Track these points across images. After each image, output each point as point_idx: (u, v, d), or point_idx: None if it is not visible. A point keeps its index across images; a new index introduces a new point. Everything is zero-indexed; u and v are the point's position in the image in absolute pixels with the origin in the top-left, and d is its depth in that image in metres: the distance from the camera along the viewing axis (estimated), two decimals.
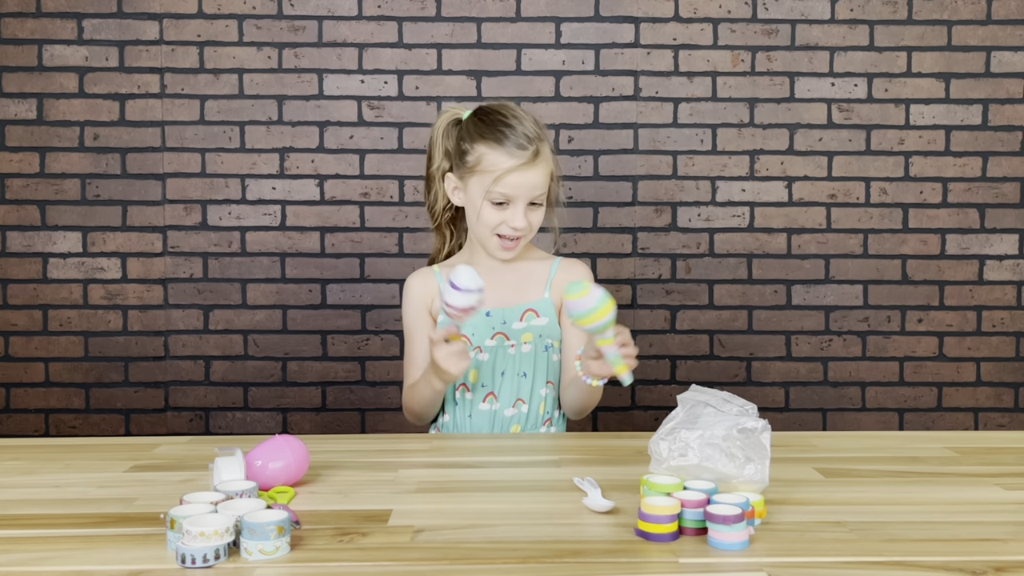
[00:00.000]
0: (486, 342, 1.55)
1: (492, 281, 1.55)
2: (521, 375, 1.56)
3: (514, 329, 1.55)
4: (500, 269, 1.58)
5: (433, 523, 0.97)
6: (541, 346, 1.57)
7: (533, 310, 1.57)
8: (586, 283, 1.26)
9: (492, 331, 1.55)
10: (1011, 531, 0.95)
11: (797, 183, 2.47)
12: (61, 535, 0.95)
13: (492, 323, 1.55)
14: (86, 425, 2.45)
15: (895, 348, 2.50)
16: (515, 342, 1.55)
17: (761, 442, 1.04)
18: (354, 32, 2.42)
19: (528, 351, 1.56)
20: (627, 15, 2.43)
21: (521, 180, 1.49)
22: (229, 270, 2.44)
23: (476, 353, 1.54)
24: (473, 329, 1.54)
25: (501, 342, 1.55)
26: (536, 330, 1.56)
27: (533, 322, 1.56)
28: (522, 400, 1.55)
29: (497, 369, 1.55)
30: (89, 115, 2.41)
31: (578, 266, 1.64)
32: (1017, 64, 2.45)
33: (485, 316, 1.55)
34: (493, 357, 1.55)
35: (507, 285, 1.58)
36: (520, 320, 1.56)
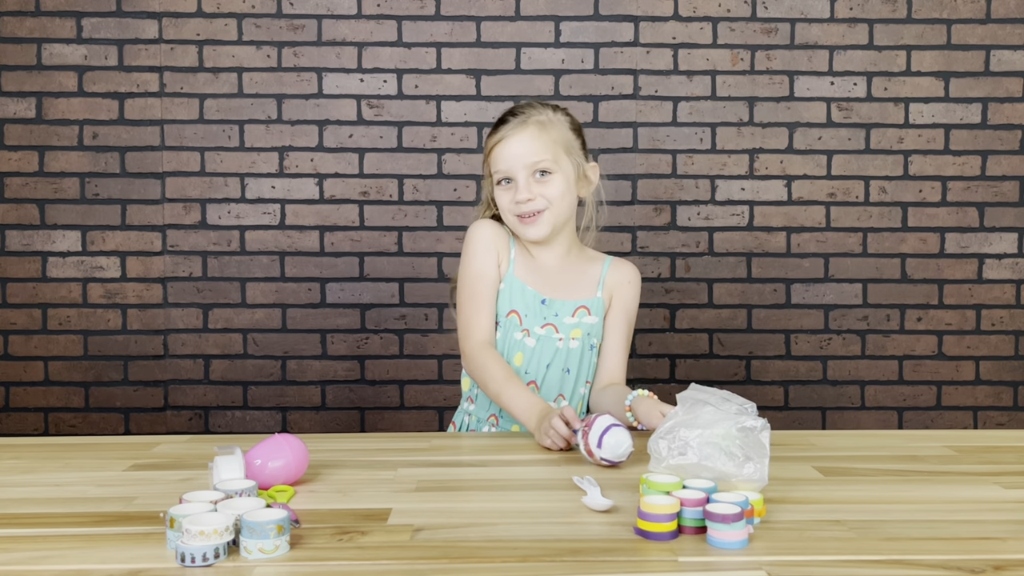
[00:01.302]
0: (536, 328, 1.52)
1: (551, 276, 1.56)
2: (565, 371, 1.54)
3: (565, 323, 1.53)
4: (555, 267, 1.57)
5: (432, 522, 0.97)
6: (587, 344, 1.55)
7: (586, 307, 1.55)
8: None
9: (544, 320, 1.53)
10: (1010, 530, 0.95)
11: (796, 182, 2.47)
12: (60, 534, 0.95)
13: (545, 312, 1.53)
14: (85, 424, 2.45)
15: (894, 347, 2.50)
16: (563, 336, 1.53)
17: (760, 441, 1.04)
18: (353, 31, 2.41)
19: (575, 347, 1.54)
20: (626, 14, 2.42)
21: (510, 150, 1.49)
22: (228, 269, 2.44)
23: (524, 336, 1.52)
24: (526, 311, 1.52)
25: (550, 333, 1.53)
26: (585, 327, 1.55)
27: (584, 319, 1.55)
28: (563, 396, 1.54)
29: (543, 360, 1.53)
30: (88, 114, 2.40)
31: (626, 267, 1.62)
32: (1016, 63, 2.45)
33: (541, 303, 1.53)
34: (540, 346, 1.52)
35: (564, 282, 1.56)
36: (572, 316, 1.54)
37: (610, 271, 1.59)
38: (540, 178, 1.49)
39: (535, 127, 1.50)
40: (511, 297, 1.53)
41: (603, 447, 1.19)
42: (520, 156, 1.49)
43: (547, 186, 1.49)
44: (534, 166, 1.49)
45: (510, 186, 1.50)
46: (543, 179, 1.49)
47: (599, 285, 1.58)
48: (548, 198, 1.49)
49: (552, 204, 1.49)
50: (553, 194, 1.49)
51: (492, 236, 1.54)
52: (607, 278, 1.58)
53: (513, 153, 1.49)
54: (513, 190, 1.49)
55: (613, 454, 1.19)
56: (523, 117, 1.51)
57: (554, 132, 1.51)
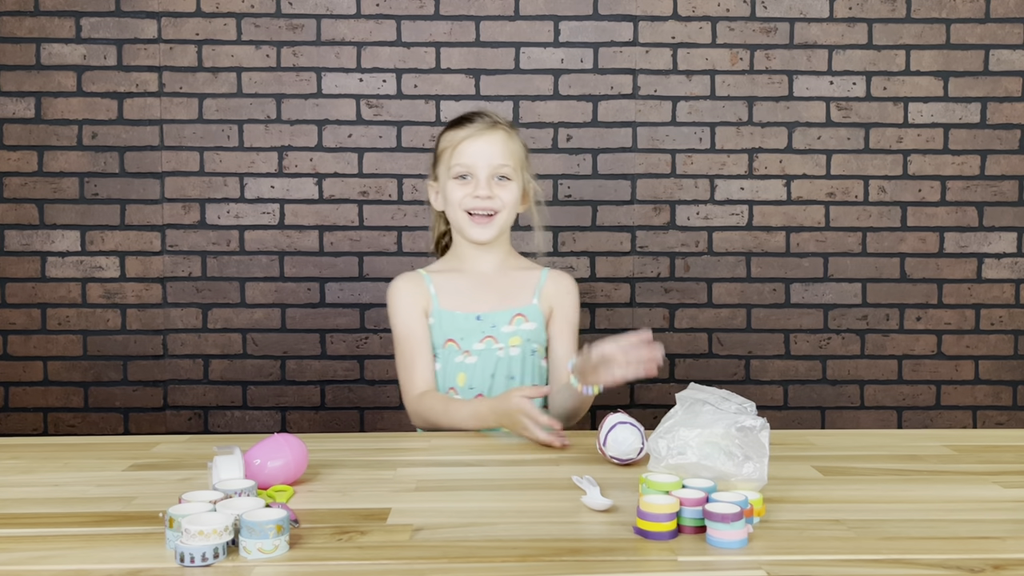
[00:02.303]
0: (475, 346, 1.57)
1: (483, 288, 1.60)
2: (510, 378, 1.57)
3: (503, 332, 1.57)
4: (490, 277, 1.61)
5: (432, 521, 0.97)
6: (528, 350, 1.59)
7: (522, 314, 1.59)
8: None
9: (482, 335, 1.57)
10: (1009, 529, 0.95)
11: (796, 181, 2.47)
12: (60, 534, 0.95)
13: (482, 327, 1.57)
14: (85, 424, 2.45)
15: (894, 346, 2.50)
16: (503, 345, 1.57)
17: (760, 440, 1.04)
18: (352, 31, 2.41)
19: (516, 354, 1.58)
20: (626, 13, 2.42)
21: (476, 147, 1.53)
22: (228, 269, 2.44)
23: (465, 357, 1.56)
24: (462, 335, 1.56)
25: (490, 345, 1.57)
26: (524, 334, 1.58)
27: (522, 326, 1.58)
28: None
29: (486, 372, 1.56)
30: (87, 114, 2.40)
31: (564, 277, 1.66)
32: (1016, 62, 2.45)
33: (476, 320, 1.57)
34: (483, 361, 1.56)
35: (497, 291, 1.60)
36: (509, 324, 1.58)
37: (548, 281, 1.63)
38: (499, 182, 1.55)
39: (504, 133, 1.56)
40: (442, 328, 1.57)
41: (607, 444, 1.20)
42: (487, 155, 1.54)
43: (503, 189, 1.55)
44: (498, 169, 1.54)
45: (468, 182, 1.54)
46: (502, 183, 1.55)
47: (536, 293, 1.61)
48: (504, 201, 1.55)
49: (505, 208, 1.55)
50: (508, 200, 1.55)
51: (408, 289, 1.59)
52: (545, 287, 1.62)
53: (480, 151, 1.54)
54: (471, 185, 1.54)
55: (617, 451, 1.19)
56: (490, 120, 1.56)
57: (515, 145, 1.58)
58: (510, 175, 1.56)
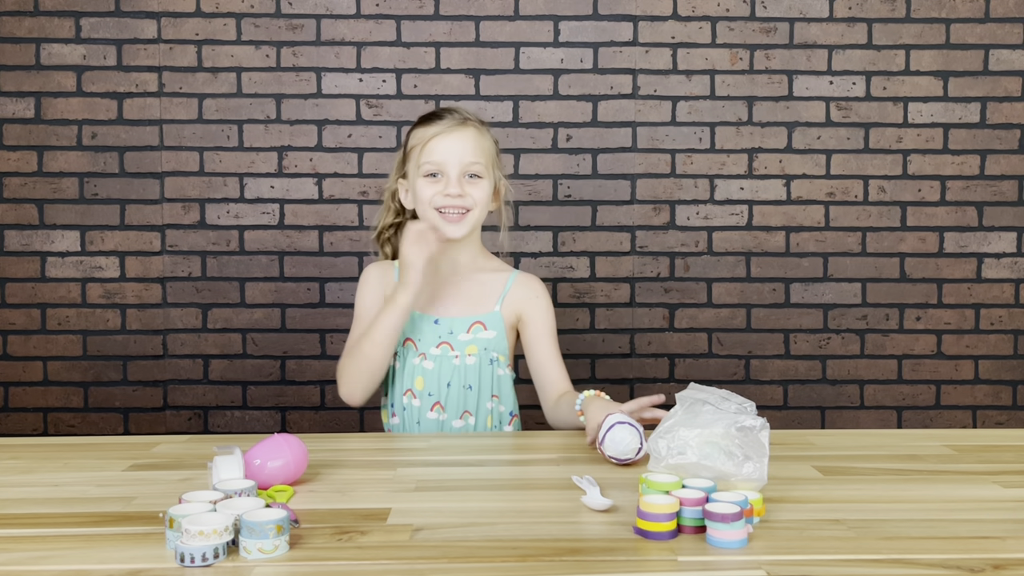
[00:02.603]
0: (431, 350, 1.55)
1: (446, 289, 1.58)
2: (467, 387, 1.55)
3: (459, 340, 1.55)
4: (454, 278, 1.58)
5: (432, 521, 0.97)
6: (486, 359, 1.56)
7: (481, 323, 1.56)
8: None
9: (439, 339, 1.55)
10: (1009, 529, 0.95)
11: (795, 181, 2.47)
12: (60, 534, 0.95)
13: (439, 331, 1.55)
14: (85, 424, 2.45)
15: (893, 346, 2.50)
16: (459, 353, 1.54)
17: (760, 440, 1.04)
18: (352, 31, 2.41)
19: (472, 363, 1.55)
20: (625, 13, 2.42)
21: (447, 144, 1.51)
22: (227, 269, 2.44)
23: (422, 360, 1.54)
24: (420, 335, 1.55)
25: (446, 352, 1.55)
26: (482, 343, 1.55)
27: (480, 335, 1.55)
28: (469, 412, 1.55)
29: (443, 379, 1.54)
30: (87, 114, 2.40)
31: (531, 281, 1.62)
32: (1015, 62, 2.45)
33: (433, 323, 1.55)
34: (438, 366, 1.54)
35: (459, 295, 1.57)
36: (467, 332, 1.55)
37: (514, 286, 1.59)
38: (470, 180, 1.53)
39: (474, 130, 1.54)
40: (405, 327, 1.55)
41: (606, 444, 1.20)
42: (458, 153, 1.52)
43: (474, 187, 1.53)
44: (469, 166, 1.52)
45: (438, 180, 1.52)
46: (473, 181, 1.53)
47: (499, 299, 1.58)
48: (475, 200, 1.52)
49: (477, 206, 1.53)
50: (479, 197, 1.53)
51: (378, 277, 1.60)
52: (510, 293, 1.59)
53: (453, 148, 1.51)
54: (442, 183, 1.51)
55: (615, 451, 1.19)
56: (460, 117, 1.54)
57: (486, 142, 1.56)
58: (481, 172, 1.53)
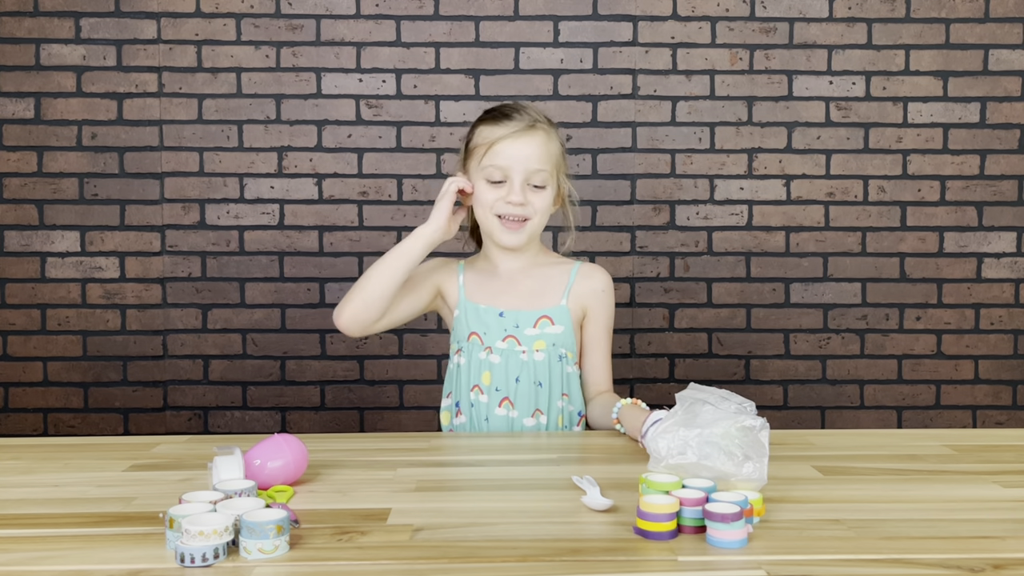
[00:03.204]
0: (497, 343, 1.50)
1: (509, 286, 1.53)
2: (537, 384, 1.50)
3: (526, 335, 1.50)
4: (517, 273, 1.54)
5: (432, 522, 0.97)
6: (555, 355, 1.51)
7: (548, 317, 1.51)
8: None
9: (504, 333, 1.50)
10: (1009, 528, 0.95)
11: (795, 181, 2.47)
12: (60, 535, 0.95)
13: (505, 324, 1.51)
14: (85, 424, 2.45)
15: (893, 346, 2.50)
16: (527, 348, 1.50)
17: (760, 440, 1.04)
18: (352, 31, 2.41)
19: (541, 359, 1.50)
20: (625, 13, 2.42)
21: (514, 149, 1.45)
22: (227, 269, 2.44)
23: (488, 354, 1.50)
24: (485, 329, 1.51)
25: (512, 346, 1.50)
26: (550, 338, 1.51)
27: (547, 329, 1.51)
28: (540, 411, 1.50)
29: (511, 374, 1.50)
30: (87, 114, 2.40)
31: (598, 273, 1.58)
32: (1015, 62, 2.45)
33: (498, 316, 1.51)
34: (505, 361, 1.50)
35: (524, 289, 1.54)
36: (534, 326, 1.50)
37: (578, 278, 1.55)
38: (533, 189, 1.48)
39: (543, 135, 1.48)
40: (467, 321, 1.53)
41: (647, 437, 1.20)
42: (524, 159, 1.46)
43: (536, 196, 1.48)
44: (534, 174, 1.47)
45: (501, 185, 1.47)
46: (535, 191, 1.48)
47: (565, 293, 1.54)
48: (537, 208, 1.48)
49: (537, 215, 1.49)
50: (541, 207, 1.49)
51: (441, 264, 1.59)
52: (575, 286, 1.54)
53: (519, 154, 1.46)
54: (504, 189, 1.46)
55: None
56: (530, 120, 1.48)
57: (554, 147, 1.50)
58: (545, 181, 1.48)
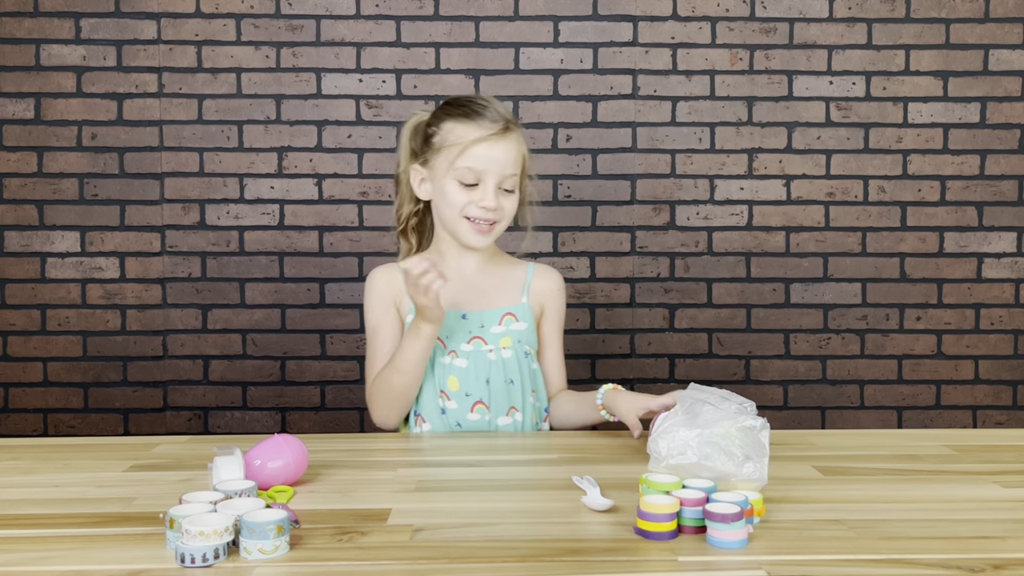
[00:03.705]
0: (462, 347, 1.48)
1: (467, 285, 1.51)
2: (509, 382, 1.49)
3: (492, 333, 1.49)
4: (474, 273, 1.53)
5: (432, 522, 0.97)
6: (521, 352, 1.51)
7: (512, 314, 1.51)
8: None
9: (469, 335, 1.49)
10: (1009, 529, 0.95)
11: (795, 181, 2.47)
12: (60, 535, 0.95)
13: (468, 326, 1.49)
14: (85, 425, 2.45)
15: (893, 346, 2.50)
16: (494, 347, 1.49)
17: (760, 440, 1.04)
18: (352, 31, 2.41)
19: (509, 356, 1.49)
20: (625, 14, 2.42)
21: (491, 153, 1.43)
22: (227, 269, 2.44)
23: (452, 358, 1.48)
24: (448, 332, 1.48)
25: (479, 347, 1.48)
26: (515, 335, 1.50)
27: (512, 326, 1.50)
28: (515, 408, 1.49)
29: (480, 376, 1.47)
30: (87, 115, 2.40)
31: (552, 274, 1.59)
32: (1015, 62, 2.45)
33: (461, 318, 1.49)
34: (473, 363, 1.48)
35: (483, 289, 1.52)
36: (499, 324, 1.50)
37: (536, 278, 1.56)
38: (504, 192, 1.46)
39: (516, 137, 1.47)
40: None
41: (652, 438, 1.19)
42: (500, 164, 1.44)
43: (507, 200, 1.47)
44: (507, 178, 1.45)
45: (473, 188, 1.44)
46: (506, 194, 1.46)
47: (524, 290, 1.54)
48: (505, 212, 1.47)
49: (505, 219, 1.48)
50: (510, 209, 1.48)
51: (386, 281, 1.53)
52: (533, 284, 1.55)
53: (496, 158, 1.43)
54: (477, 193, 1.44)
55: None
56: (502, 122, 1.45)
57: (523, 147, 1.49)
58: (516, 185, 1.47)
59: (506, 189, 1.46)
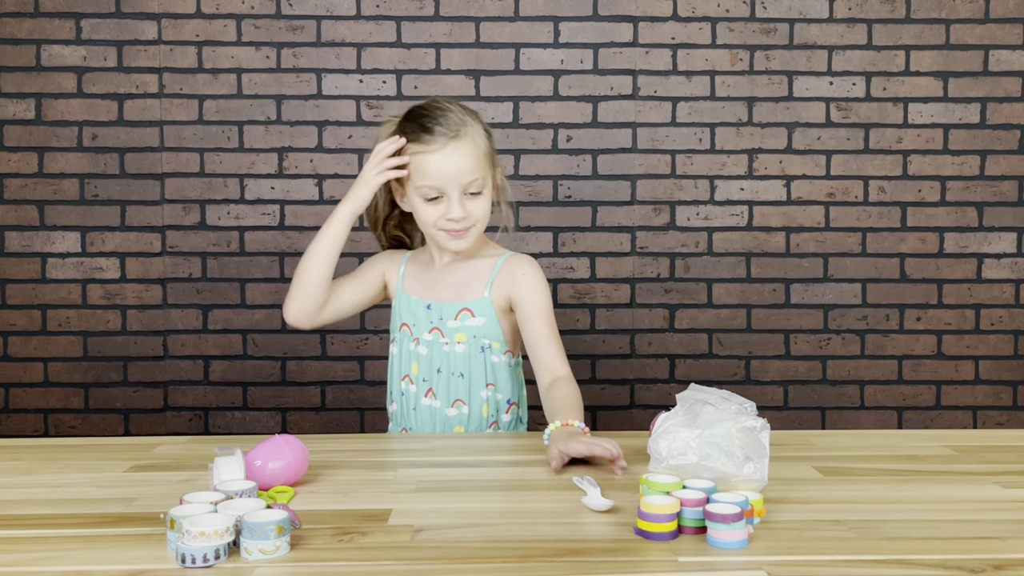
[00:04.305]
0: (424, 335, 1.54)
1: (438, 277, 1.57)
2: (458, 375, 1.53)
3: (449, 327, 1.53)
4: (449, 267, 1.57)
5: (433, 522, 0.97)
6: (476, 347, 1.53)
7: (468, 310, 1.53)
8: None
9: (431, 325, 1.54)
10: (1009, 529, 0.95)
11: (795, 182, 2.47)
12: (61, 535, 0.95)
13: (431, 317, 1.54)
14: (85, 425, 2.45)
15: (894, 347, 2.50)
16: (448, 340, 1.53)
17: (760, 441, 1.04)
18: (352, 32, 2.42)
19: (462, 351, 1.53)
20: (625, 14, 2.43)
21: (445, 166, 1.44)
22: (228, 270, 2.44)
23: (416, 345, 1.54)
24: (414, 320, 1.55)
25: (437, 338, 1.54)
26: (471, 330, 1.53)
27: (467, 322, 1.53)
28: (461, 401, 1.53)
29: (434, 365, 1.53)
30: (87, 115, 2.40)
31: (519, 261, 1.56)
32: (1015, 63, 2.45)
33: (426, 308, 1.55)
34: (431, 352, 1.54)
35: (451, 281, 1.56)
36: (455, 319, 1.53)
37: (502, 269, 1.54)
38: (470, 197, 1.47)
39: (469, 143, 1.46)
40: (400, 312, 1.57)
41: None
42: (455, 175, 1.45)
43: (477, 203, 1.47)
44: (468, 185, 1.46)
45: (438, 201, 1.46)
46: (472, 198, 1.47)
47: (488, 285, 1.54)
48: (476, 215, 1.47)
49: (480, 221, 1.49)
50: (480, 211, 1.48)
51: (387, 256, 1.63)
52: (498, 276, 1.54)
53: (448, 171, 1.44)
54: (443, 205, 1.46)
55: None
56: (454, 129, 1.45)
57: (481, 145, 1.48)
58: (481, 186, 1.48)
59: (472, 192, 1.47)
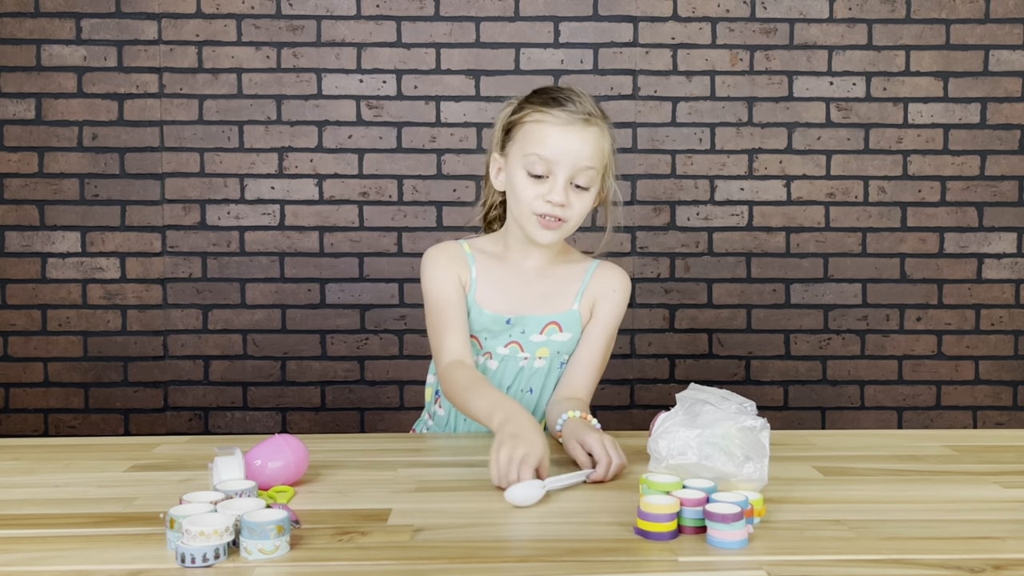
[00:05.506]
0: (498, 349, 1.42)
1: (522, 287, 1.43)
2: (527, 391, 1.43)
3: (531, 341, 1.41)
4: (532, 274, 1.43)
5: (432, 522, 0.97)
6: (556, 363, 1.43)
7: (556, 323, 1.42)
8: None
9: (508, 339, 1.41)
10: (1009, 529, 0.95)
11: (796, 182, 2.47)
12: (61, 535, 0.95)
13: (511, 331, 1.41)
14: (85, 425, 2.45)
15: (894, 347, 2.50)
16: (529, 355, 1.42)
17: (760, 440, 1.04)
18: (353, 32, 2.42)
19: (541, 366, 1.42)
20: (626, 14, 2.43)
21: (564, 142, 1.31)
22: (228, 270, 2.44)
23: (486, 360, 1.43)
24: (488, 334, 1.42)
25: (514, 352, 1.42)
26: (555, 346, 1.42)
27: (554, 336, 1.41)
28: None
29: (504, 382, 1.43)
30: (88, 115, 2.40)
31: (612, 272, 1.46)
32: (1015, 63, 2.45)
33: (505, 323, 1.41)
34: (503, 367, 1.42)
35: (536, 292, 1.43)
36: (540, 333, 1.41)
37: (594, 278, 1.44)
38: (576, 190, 1.34)
39: (596, 133, 1.34)
40: (471, 322, 1.41)
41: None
42: (574, 155, 1.31)
43: (580, 198, 1.34)
44: (580, 172, 1.32)
45: (543, 181, 1.33)
46: (577, 191, 1.34)
47: (578, 296, 1.43)
48: (576, 210, 1.34)
49: (574, 218, 1.35)
50: (581, 209, 1.35)
51: (448, 258, 1.42)
52: (589, 286, 1.43)
53: (568, 149, 1.31)
54: (546, 186, 1.32)
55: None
56: (584, 112, 1.33)
57: (605, 145, 1.36)
58: (591, 182, 1.34)
59: (578, 185, 1.33)
